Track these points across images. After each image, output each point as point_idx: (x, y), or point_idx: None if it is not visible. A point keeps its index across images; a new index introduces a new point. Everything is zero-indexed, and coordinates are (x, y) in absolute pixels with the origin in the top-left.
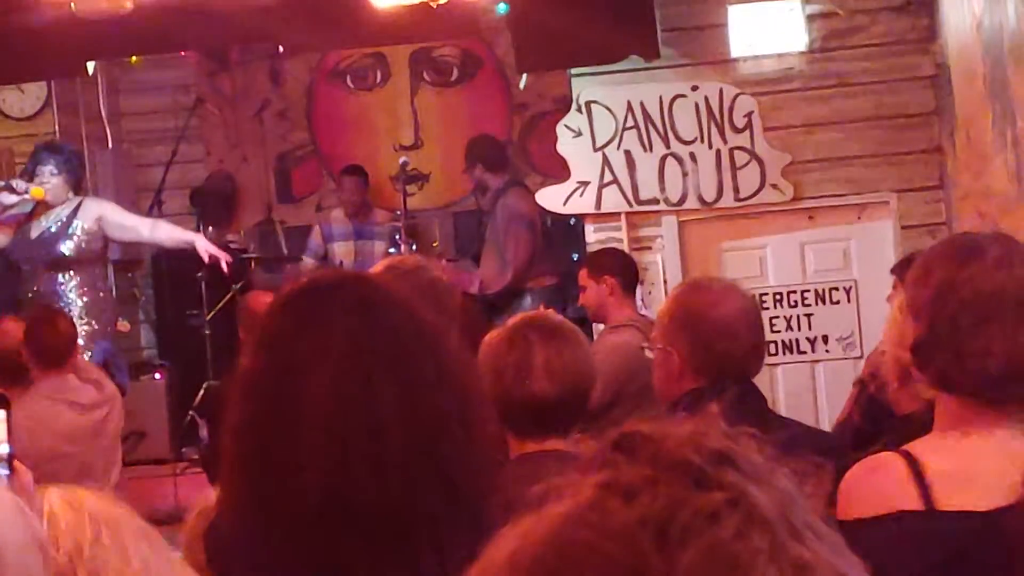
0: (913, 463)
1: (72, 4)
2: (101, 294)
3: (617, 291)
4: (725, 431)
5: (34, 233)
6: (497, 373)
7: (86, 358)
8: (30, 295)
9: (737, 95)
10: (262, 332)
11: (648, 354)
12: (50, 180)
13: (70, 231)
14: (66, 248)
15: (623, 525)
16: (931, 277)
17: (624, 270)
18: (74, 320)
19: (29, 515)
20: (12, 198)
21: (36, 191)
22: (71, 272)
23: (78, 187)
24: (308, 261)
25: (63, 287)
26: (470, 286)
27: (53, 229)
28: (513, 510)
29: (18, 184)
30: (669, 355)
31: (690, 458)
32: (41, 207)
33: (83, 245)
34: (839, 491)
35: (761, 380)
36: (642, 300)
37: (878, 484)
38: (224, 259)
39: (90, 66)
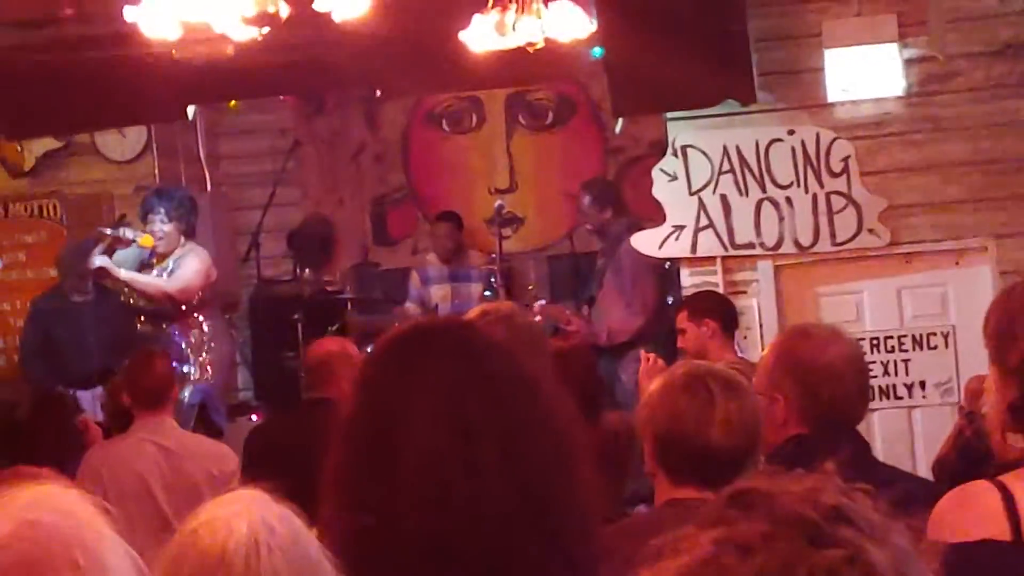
0: (1007, 495)
1: (174, 50)
2: (206, 338)
3: (718, 334)
4: (840, 487)
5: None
6: (674, 418)
7: (189, 401)
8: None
9: (834, 139)
10: (362, 377)
11: None
12: (160, 228)
13: (170, 276)
14: (128, 272)
15: None
16: (1018, 334)
17: (724, 313)
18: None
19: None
20: (125, 249)
21: (145, 239)
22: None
23: (191, 232)
24: (410, 306)
25: (173, 331)
26: (600, 338)
27: (159, 273)
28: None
29: (126, 233)
30: (775, 402)
31: (806, 515)
32: (158, 255)
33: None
34: (930, 520)
35: (858, 426)
36: (738, 344)
37: (970, 511)
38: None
39: (190, 110)
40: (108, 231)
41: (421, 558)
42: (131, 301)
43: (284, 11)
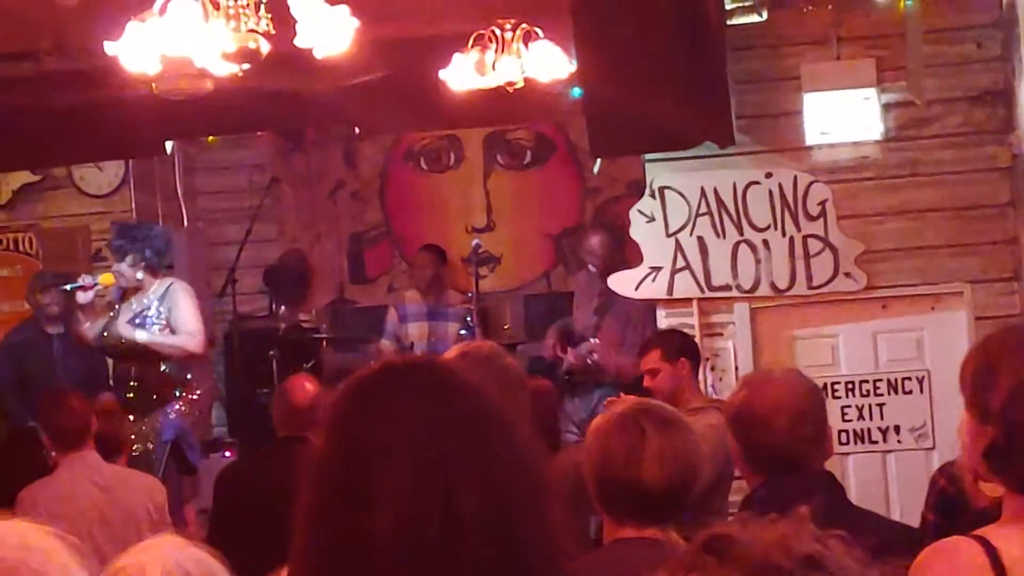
0: (990, 549)
1: (153, 84)
2: (189, 374)
3: (691, 374)
4: (815, 534)
5: (123, 317)
6: (606, 457)
7: (162, 437)
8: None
9: (811, 183)
10: (333, 416)
11: None
12: (120, 269)
13: (151, 319)
14: (149, 334)
15: None
16: (999, 378)
17: (695, 353)
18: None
19: None
20: (87, 295)
21: (105, 278)
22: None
23: (164, 268)
24: (386, 343)
25: (158, 370)
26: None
27: (143, 312)
28: None
29: (85, 280)
30: (734, 450)
31: (780, 563)
32: (131, 290)
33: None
34: (912, 570)
35: (832, 470)
36: (712, 386)
37: (953, 567)
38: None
39: (168, 145)
40: (67, 287)
41: None
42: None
43: (265, 48)
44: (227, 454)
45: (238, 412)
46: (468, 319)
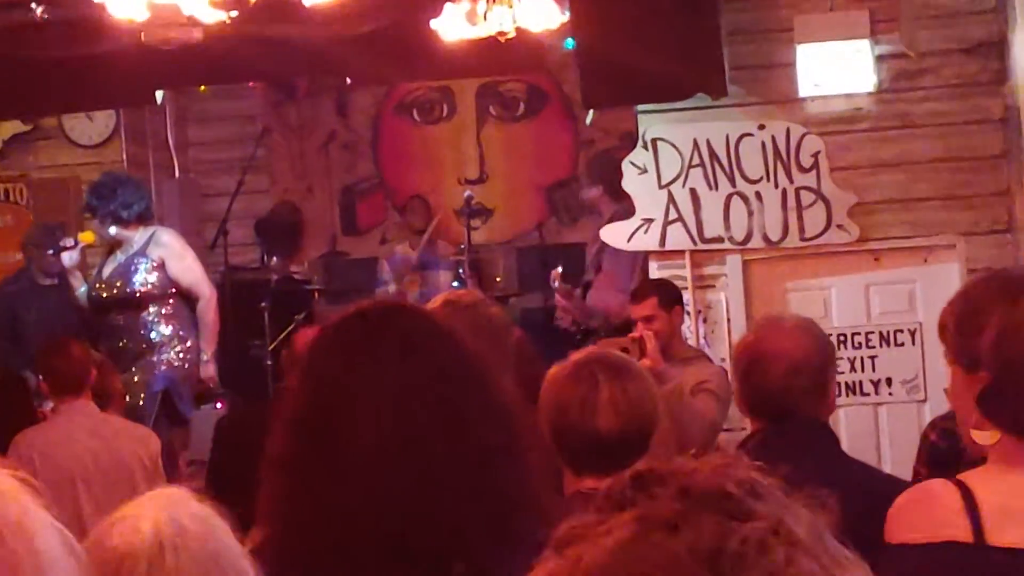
0: (967, 494)
1: (141, 33)
2: (178, 325)
3: (682, 322)
4: (748, 464)
5: (107, 270)
6: (560, 408)
7: (152, 388)
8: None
9: (804, 135)
10: (307, 366)
11: None
12: (94, 227)
13: (139, 265)
14: (137, 283)
15: (674, 556)
16: (988, 319)
17: (683, 302)
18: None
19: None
20: (73, 255)
21: (85, 236)
22: (150, 306)
23: (137, 219)
24: (383, 292)
25: (146, 319)
26: (592, 323)
27: (128, 262)
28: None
29: (67, 242)
30: (734, 394)
31: (725, 489)
32: (115, 244)
33: (151, 281)
34: (888, 514)
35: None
36: (705, 339)
37: (929, 511)
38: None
39: (158, 95)
40: (50, 252)
41: (368, 550)
42: (103, 295)
43: None
44: (218, 405)
45: (229, 364)
46: (460, 271)
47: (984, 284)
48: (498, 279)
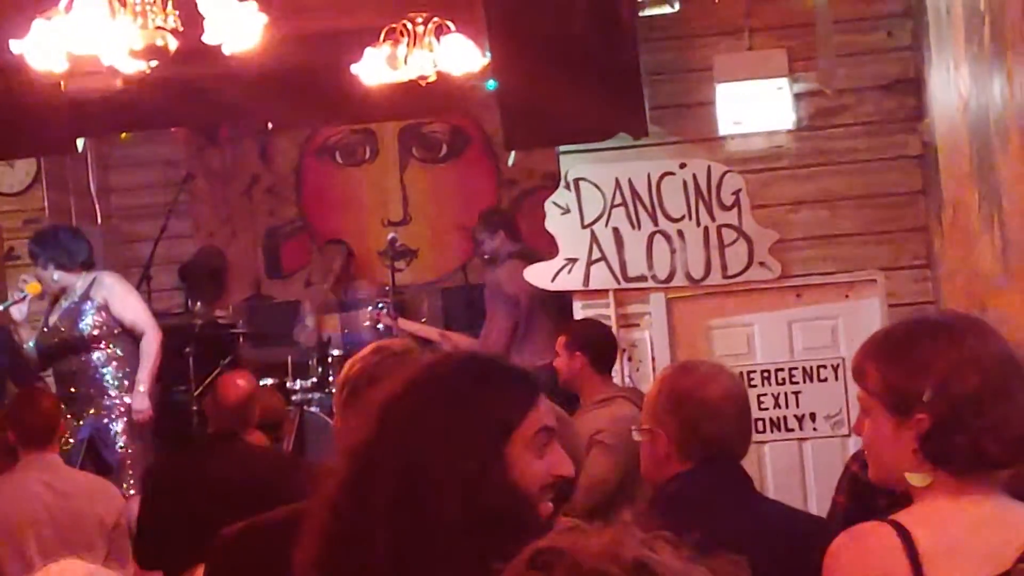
0: (904, 534)
1: (62, 83)
2: (126, 366)
3: (587, 369)
4: (641, 537)
5: (53, 318)
6: None
7: (79, 435)
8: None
9: (725, 173)
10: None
11: (635, 436)
12: (39, 274)
13: (84, 309)
14: (84, 326)
15: None
16: (925, 365)
17: (598, 351)
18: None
19: None
20: (22, 309)
21: (32, 287)
22: (97, 350)
23: (80, 265)
24: (301, 334)
25: (95, 362)
26: None
27: (72, 308)
28: None
29: (14, 295)
30: (657, 437)
31: (608, 571)
32: (58, 292)
33: (97, 323)
34: (824, 560)
35: (749, 458)
36: (630, 377)
37: (867, 554)
38: (144, 415)
39: (80, 143)
40: (2, 306)
41: None
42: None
43: (173, 44)
44: None
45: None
46: (385, 311)
47: (910, 328)
48: (423, 320)
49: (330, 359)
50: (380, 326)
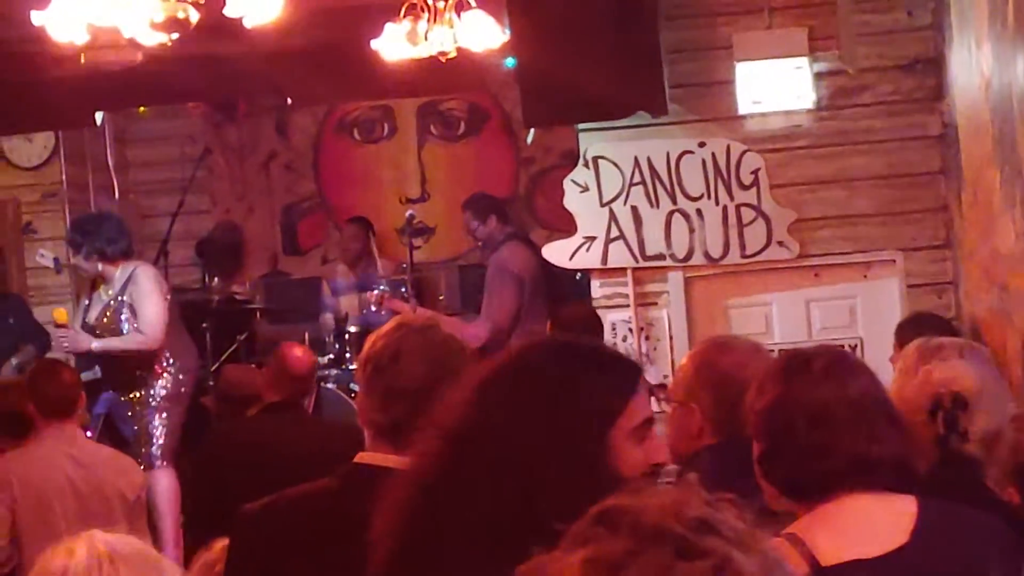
0: (798, 543)
1: (82, 56)
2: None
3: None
4: (705, 498)
5: (94, 313)
6: None
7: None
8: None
9: (744, 152)
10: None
11: (666, 407)
12: (79, 262)
13: (122, 310)
14: (125, 330)
15: None
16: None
17: (584, 331)
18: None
19: None
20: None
21: (58, 314)
22: None
23: (121, 255)
24: (327, 317)
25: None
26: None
27: (110, 303)
28: None
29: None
30: (690, 411)
31: (671, 528)
32: (99, 279)
33: (133, 324)
34: None
35: None
36: (647, 355)
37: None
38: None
39: (98, 116)
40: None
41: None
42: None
43: (194, 17)
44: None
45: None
46: (403, 290)
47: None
48: (441, 297)
49: (347, 336)
50: (373, 307)
